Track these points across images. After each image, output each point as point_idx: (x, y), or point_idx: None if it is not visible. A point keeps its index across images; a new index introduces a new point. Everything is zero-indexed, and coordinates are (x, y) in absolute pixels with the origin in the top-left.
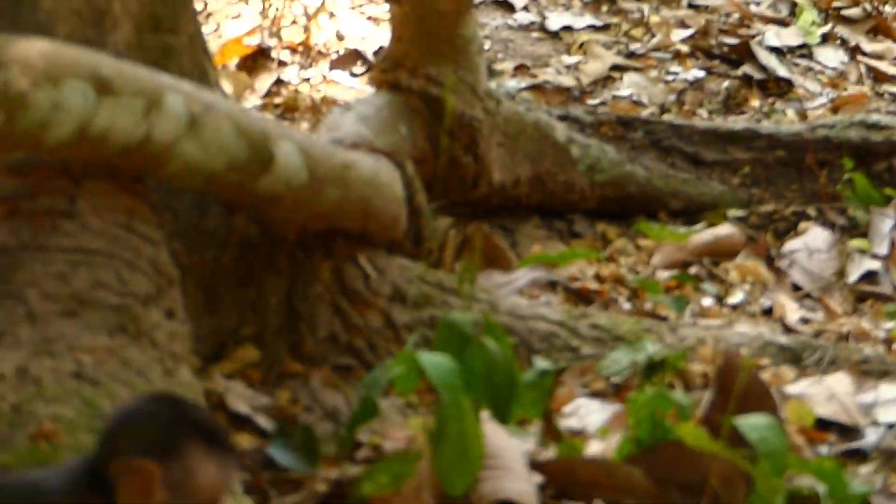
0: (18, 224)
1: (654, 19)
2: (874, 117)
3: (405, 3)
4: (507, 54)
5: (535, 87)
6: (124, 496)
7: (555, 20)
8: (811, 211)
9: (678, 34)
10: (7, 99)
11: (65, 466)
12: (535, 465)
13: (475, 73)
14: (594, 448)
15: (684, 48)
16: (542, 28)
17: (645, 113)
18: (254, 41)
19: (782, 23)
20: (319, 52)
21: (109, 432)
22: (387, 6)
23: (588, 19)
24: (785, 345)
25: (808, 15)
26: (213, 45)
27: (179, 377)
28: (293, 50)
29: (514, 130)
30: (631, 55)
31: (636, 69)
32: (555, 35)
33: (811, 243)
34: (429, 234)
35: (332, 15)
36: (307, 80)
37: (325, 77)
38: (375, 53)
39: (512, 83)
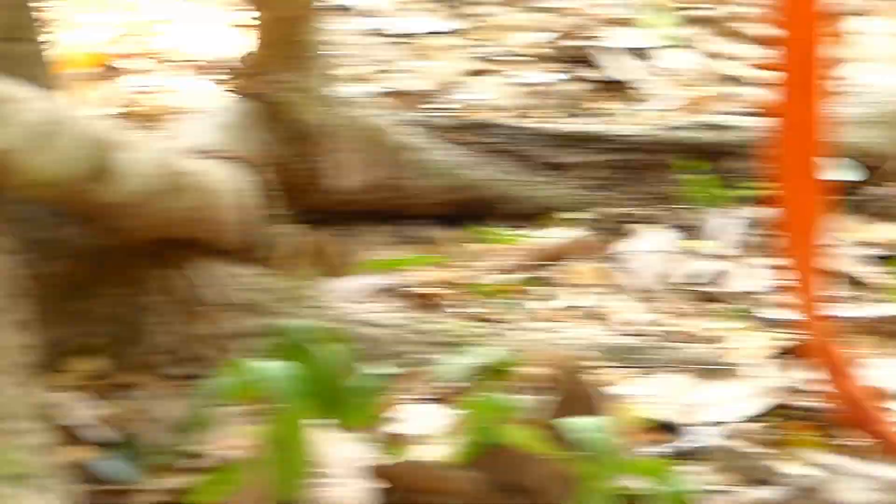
0: None
1: (501, 21)
2: (723, 118)
3: (259, 9)
4: (354, 60)
5: (383, 93)
6: None
7: (400, 24)
8: (655, 212)
9: (526, 37)
10: None
11: None
12: (367, 471)
13: (318, 79)
14: (429, 453)
15: (532, 51)
16: (387, 33)
17: (496, 116)
18: (100, 50)
19: (631, 24)
20: (168, 61)
21: None
22: (242, 14)
23: (436, 24)
24: (616, 346)
25: (659, 17)
26: (59, 53)
27: (4, 391)
28: (139, 58)
29: (355, 136)
30: (480, 59)
31: (486, 72)
32: (401, 39)
33: (649, 244)
34: (267, 241)
35: (180, 23)
36: (153, 88)
37: (171, 85)
38: (229, 60)
39: (359, 88)
